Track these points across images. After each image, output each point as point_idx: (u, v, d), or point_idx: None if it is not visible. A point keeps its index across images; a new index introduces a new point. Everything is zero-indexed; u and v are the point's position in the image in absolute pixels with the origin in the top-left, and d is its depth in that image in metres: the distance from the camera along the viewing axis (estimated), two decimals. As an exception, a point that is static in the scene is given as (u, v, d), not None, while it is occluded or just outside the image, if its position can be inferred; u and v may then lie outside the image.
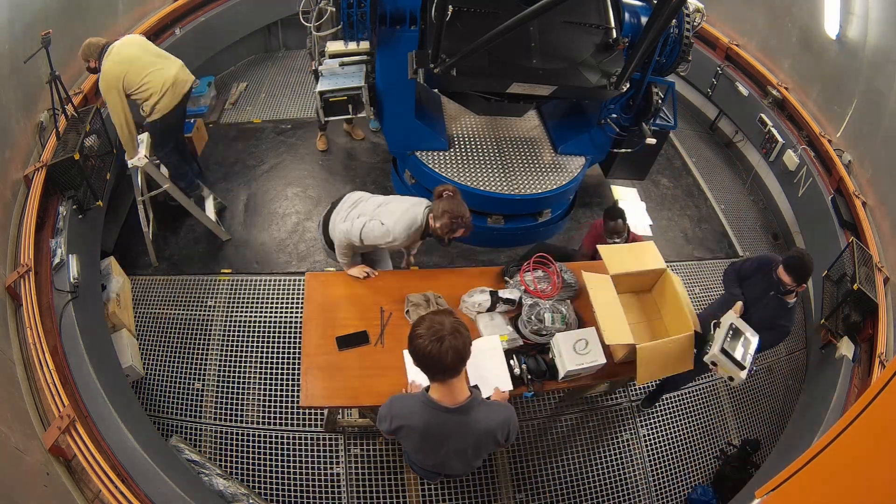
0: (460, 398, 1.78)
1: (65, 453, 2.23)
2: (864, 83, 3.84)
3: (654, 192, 4.93)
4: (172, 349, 3.49)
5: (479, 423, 1.83)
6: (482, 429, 1.84)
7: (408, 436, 1.91)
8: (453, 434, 1.85)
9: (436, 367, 1.68)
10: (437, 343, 1.62)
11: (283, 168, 4.68)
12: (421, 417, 1.82)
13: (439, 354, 1.63)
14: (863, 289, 3.08)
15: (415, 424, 1.84)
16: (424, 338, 1.64)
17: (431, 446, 1.92)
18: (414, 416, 1.84)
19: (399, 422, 1.88)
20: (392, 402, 1.95)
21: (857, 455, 1.12)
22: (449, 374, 1.72)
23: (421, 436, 1.87)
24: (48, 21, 3.31)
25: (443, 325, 1.65)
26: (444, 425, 1.82)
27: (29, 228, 2.81)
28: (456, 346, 1.64)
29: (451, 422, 1.81)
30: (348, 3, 2.92)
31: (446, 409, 1.78)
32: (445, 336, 1.63)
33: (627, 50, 3.09)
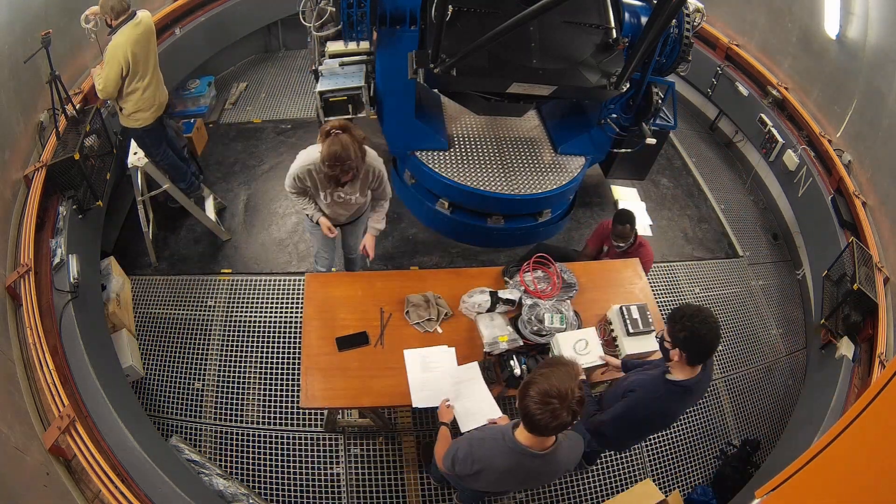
0: (548, 444, 1.73)
1: (65, 453, 2.23)
2: (864, 83, 3.84)
3: (654, 192, 4.93)
4: (172, 349, 3.49)
5: (561, 463, 1.81)
6: (563, 467, 1.85)
7: (486, 477, 1.84)
8: (535, 475, 1.83)
9: (538, 430, 1.62)
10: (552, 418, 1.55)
11: (283, 168, 4.67)
12: (506, 461, 1.76)
13: (545, 424, 1.57)
14: (863, 289, 3.07)
15: (498, 467, 1.78)
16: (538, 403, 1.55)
17: (510, 484, 1.92)
18: (498, 459, 1.77)
19: (481, 465, 1.80)
20: (471, 444, 1.84)
21: (857, 455, 1.12)
22: (548, 435, 1.66)
23: (500, 476, 1.82)
24: (48, 21, 3.30)
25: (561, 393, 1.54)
26: (530, 468, 1.77)
27: (29, 228, 2.81)
28: (565, 421, 1.56)
29: (537, 464, 1.75)
30: (348, 3, 2.92)
31: (534, 455, 1.72)
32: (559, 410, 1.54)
33: (627, 50, 3.09)
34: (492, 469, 1.79)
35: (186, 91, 5.01)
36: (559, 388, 1.54)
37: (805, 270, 4.31)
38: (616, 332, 2.76)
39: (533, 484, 1.91)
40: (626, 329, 2.70)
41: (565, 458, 1.82)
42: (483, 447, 1.81)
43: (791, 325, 4.19)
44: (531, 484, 1.91)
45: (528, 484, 1.90)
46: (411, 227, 4.29)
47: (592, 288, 3.01)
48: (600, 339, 2.78)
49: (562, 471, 1.87)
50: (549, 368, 1.63)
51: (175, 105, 4.92)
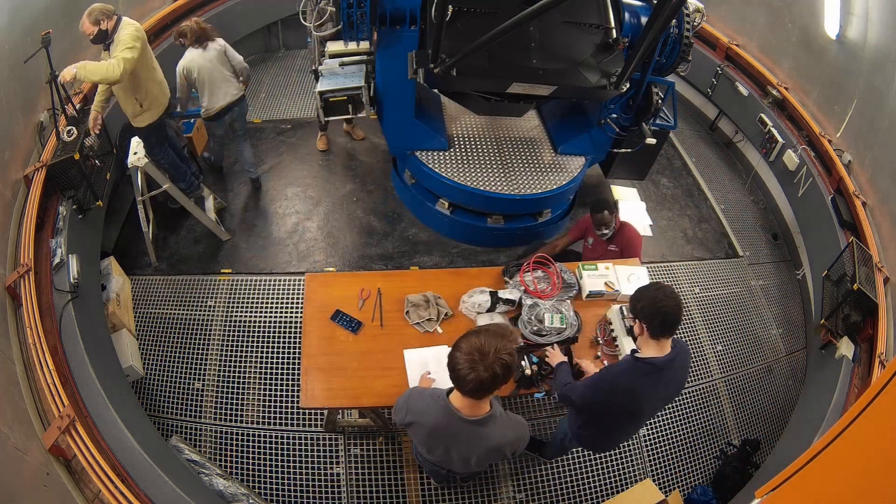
0: (479, 413, 1.78)
1: (65, 453, 2.23)
2: (864, 83, 3.84)
3: (654, 192, 4.93)
4: (172, 349, 3.49)
5: (492, 438, 1.83)
6: (493, 444, 1.85)
7: (417, 431, 1.93)
8: (463, 441, 1.86)
9: (462, 387, 1.68)
10: (470, 370, 1.61)
11: (283, 168, 4.68)
12: (436, 419, 1.82)
13: (462, 376, 1.63)
14: (863, 289, 3.07)
15: (427, 423, 1.85)
16: (466, 357, 1.62)
17: (439, 446, 1.93)
18: (428, 416, 1.84)
19: (413, 417, 1.90)
20: (411, 395, 1.96)
21: (857, 455, 1.12)
22: (474, 396, 1.71)
23: (429, 434, 1.89)
24: (48, 21, 3.30)
25: (486, 352, 1.61)
26: (457, 433, 1.83)
27: (29, 228, 2.81)
28: (486, 378, 1.61)
29: (465, 431, 1.81)
30: (348, 3, 2.92)
31: (462, 419, 1.78)
32: (479, 366, 1.60)
33: (627, 50, 3.09)
34: (421, 424, 1.86)
35: (186, 91, 5.00)
36: (484, 345, 1.61)
37: (805, 270, 4.31)
38: (616, 332, 2.76)
39: (464, 453, 1.86)
40: (627, 329, 2.71)
41: (498, 434, 1.82)
42: (420, 400, 1.90)
43: (791, 325, 4.19)
44: (461, 452, 1.77)
45: (459, 451, 1.88)
46: (411, 227, 4.29)
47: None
48: (601, 338, 2.79)
49: (494, 448, 1.85)
50: (485, 329, 1.71)
51: (175, 105, 4.91)
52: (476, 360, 1.60)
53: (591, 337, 2.81)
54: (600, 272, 2.98)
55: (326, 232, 4.21)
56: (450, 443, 1.88)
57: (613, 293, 2.94)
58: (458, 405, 1.78)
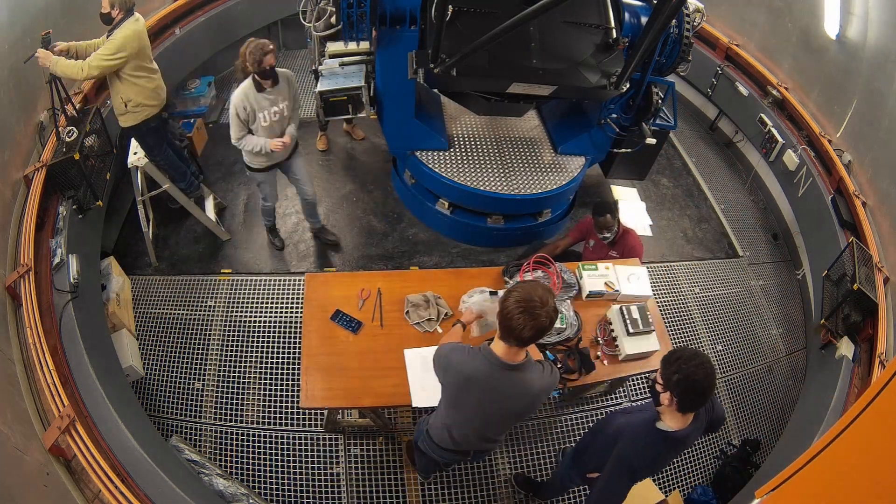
0: (518, 359, 1.83)
1: (65, 453, 2.23)
2: (864, 83, 3.84)
3: (654, 192, 4.93)
4: (172, 349, 3.49)
5: (532, 385, 1.86)
6: (536, 390, 1.88)
7: (453, 379, 1.92)
8: (501, 391, 1.87)
9: (512, 336, 1.72)
10: (528, 316, 1.66)
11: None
12: (476, 366, 1.85)
13: (523, 327, 1.67)
14: (863, 289, 3.07)
15: (465, 370, 1.87)
16: (518, 306, 1.67)
17: (471, 397, 1.91)
18: (468, 363, 1.87)
19: (449, 361, 1.90)
20: (453, 348, 1.94)
21: (857, 455, 1.12)
22: (522, 344, 1.76)
23: (466, 381, 1.89)
24: (48, 21, 3.30)
25: (542, 300, 1.67)
26: (497, 381, 1.85)
27: (29, 228, 2.81)
28: (540, 326, 1.68)
29: (505, 378, 1.84)
30: (348, 3, 2.92)
31: (504, 365, 1.81)
32: (539, 314, 1.66)
33: (627, 50, 3.09)
34: (460, 370, 1.88)
35: (186, 91, 5.00)
36: (539, 294, 1.69)
37: (805, 270, 4.31)
38: (616, 332, 2.76)
39: (499, 403, 1.89)
40: (626, 329, 2.71)
41: (537, 380, 1.87)
42: (462, 352, 1.92)
43: (791, 325, 4.19)
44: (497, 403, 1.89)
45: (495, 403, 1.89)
46: (411, 227, 4.29)
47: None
48: (601, 338, 2.79)
49: (531, 396, 1.89)
50: (530, 284, 1.76)
51: (175, 105, 4.92)
52: (537, 306, 1.66)
53: (592, 337, 2.81)
54: (600, 272, 2.98)
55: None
56: (486, 394, 1.88)
57: (613, 293, 2.94)
58: (501, 353, 1.81)
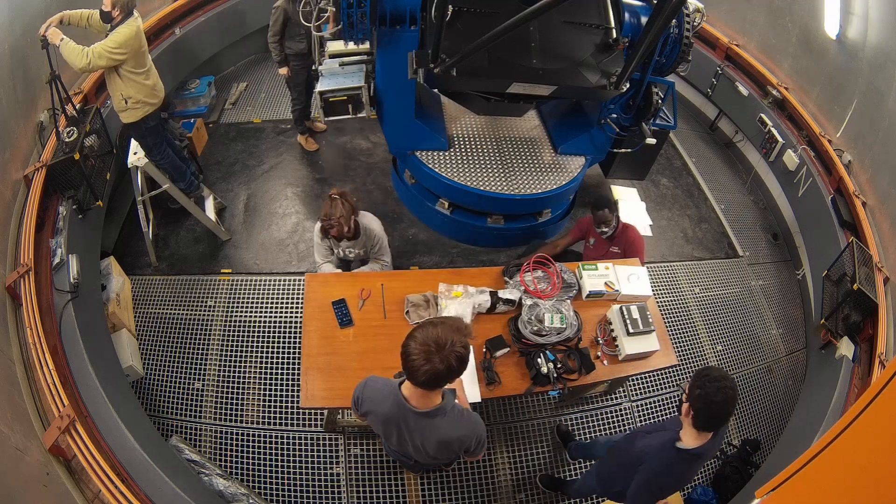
0: (429, 405, 1.78)
1: (65, 453, 2.23)
2: (864, 83, 3.84)
3: (654, 192, 4.93)
4: (172, 349, 3.49)
5: (439, 431, 1.81)
6: (440, 438, 1.83)
7: (373, 420, 1.94)
8: (414, 431, 1.85)
9: (414, 378, 1.65)
10: (425, 361, 1.57)
11: (283, 168, 4.68)
12: (388, 408, 1.82)
13: (416, 367, 1.59)
14: (863, 289, 3.07)
15: (380, 412, 1.86)
16: (418, 348, 1.58)
17: (393, 434, 1.91)
18: (382, 405, 1.84)
19: (367, 406, 1.91)
20: (367, 384, 1.93)
21: (857, 455, 1.12)
22: (427, 387, 1.68)
23: (383, 423, 1.89)
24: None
25: (441, 343, 1.57)
26: (407, 423, 1.82)
27: (29, 228, 2.81)
28: (437, 371, 1.58)
29: (414, 421, 1.81)
30: (348, 3, 2.91)
31: (412, 411, 1.77)
32: (434, 358, 1.57)
33: (627, 50, 3.09)
34: (376, 413, 1.87)
35: (186, 91, 5.01)
36: (441, 336, 1.58)
37: (805, 270, 4.31)
38: (616, 332, 2.77)
39: (416, 442, 1.86)
40: (626, 329, 2.71)
41: (447, 428, 1.80)
42: (374, 389, 1.90)
43: (791, 325, 4.19)
44: (414, 442, 1.86)
45: (412, 441, 1.86)
46: (411, 227, 4.29)
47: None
48: (601, 338, 2.79)
49: (443, 441, 1.83)
50: (441, 321, 1.66)
51: (175, 105, 4.92)
52: (432, 351, 1.56)
53: (592, 337, 2.81)
54: (600, 272, 2.98)
55: (326, 232, 4.20)
56: (403, 432, 1.87)
57: (613, 293, 2.94)
58: (408, 394, 1.77)
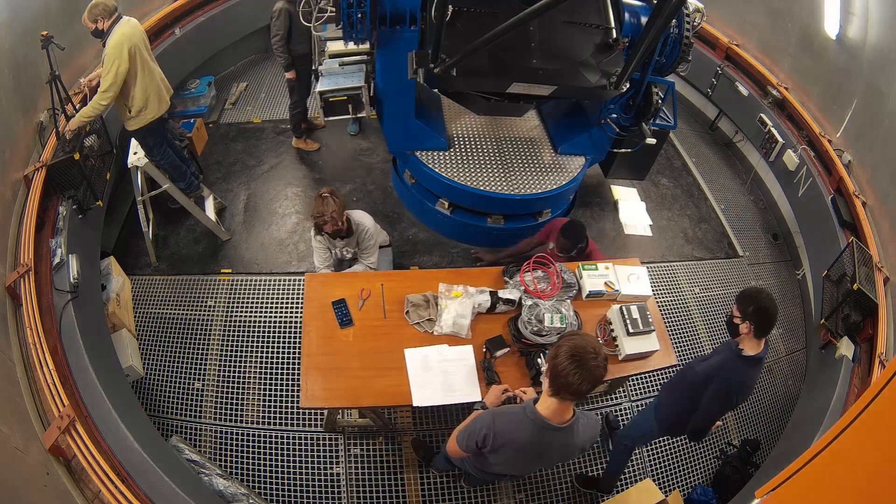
0: (567, 418, 1.77)
1: (65, 453, 2.23)
2: (864, 83, 3.84)
3: (654, 192, 4.93)
4: (172, 349, 3.49)
5: (579, 439, 1.83)
6: (580, 444, 1.86)
7: (504, 451, 1.85)
8: (555, 451, 1.85)
9: (567, 390, 1.65)
10: (584, 370, 1.59)
11: (283, 168, 4.68)
12: (527, 434, 1.78)
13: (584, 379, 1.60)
14: (863, 289, 3.08)
15: (518, 440, 1.80)
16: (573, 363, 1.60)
17: (525, 461, 1.90)
18: (520, 433, 1.79)
19: (502, 440, 1.81)
20: (494, 417, 1.85)
21: (857, 455, 1.12)
22: (576, 396, 1.68)
23: (518, 451, 1.84)
24: (48, 21, 3.30)
25: (596, 352, 1.61)
26: (549, 443, 1.80)
27: (29, 228, 2.81)
28: (596, 378, 1.62)
29: (556, 440, 1.79)
30: (348, 3, 2.91)
31: (553, 428, 1.75)
32: (595, 364, 1.60)
33: (627, 50, 3.09)
34: (512, 443, 1.81)
35: (186, 91, 5.01)
36: (588, 344, 1.62)
37: (805, 270, 4.31)
38: (616, 332, 2.76)
39: (549, 461, 1.98)
40: (626, 329, 2.71)
41: (582, 434, 1.83)
42: (504, 420, 1.83)
43: (791, 325, 4.19)
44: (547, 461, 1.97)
45: (544, 461, 1.95)
46: (411, 227, 4.29)
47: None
48: (601, 338, 2.79)
49: (577, 449, 1.89)
50: (579, 335, 1.70)
51: (175, 105, 4.92)
52: (591, 357, 1.59)
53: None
54: (600, 272, 2.98)
55: (326, 232, 4.20)
56: (539, 455, 1.85)
57: (613, 293, 2.94)
58: (548, 414, 1.75)
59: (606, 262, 3.06)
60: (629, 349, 2.70)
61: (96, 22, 3.10)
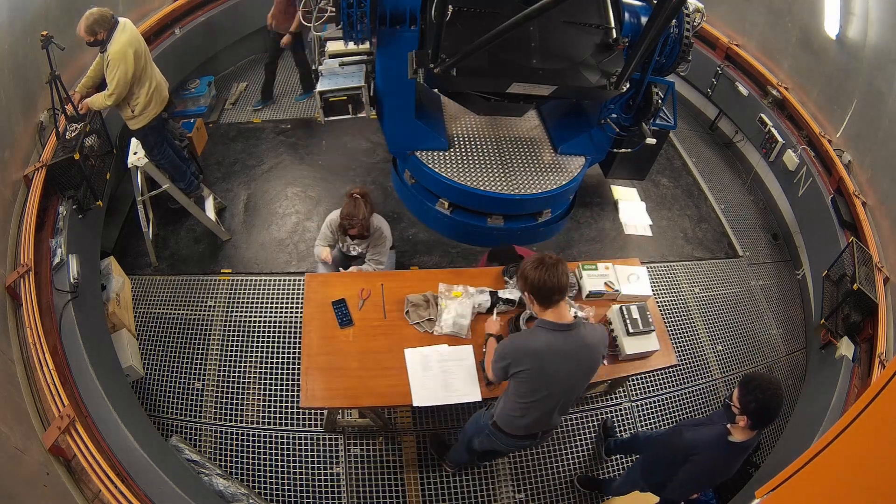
0: (569, 317, 2.03)
1: (65, 453, 2.23)
2: (864, 83, 3.84)
3: (654, 192, 4.93)
4: (172, 349, 3.49)
5: (589, 337, 2.05)
6: (592, 343, 2.06)
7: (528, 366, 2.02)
8: (571, 352, 2.03)
9: (553, 290, 1.96)
10: (553, 269, 1.95)
11: (283, 168, 4.68)
12: (542, 339, 2.02)
13: (557, 277, 1.95)
14: (863, 289, 3.08)
15: (536, 347, 2.02)
16: (539, 269, 1.95)
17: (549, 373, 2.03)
18: (536, 340, 2.03)
19: (524, 350, 2.04)
20: (512, 339, 2.15)
21: (857, 455, 1.12)
22: (561, 294, 1.98)
23: (541, 359, 2.01)
24: (48, 21, 3.31)
25: (550, 256, 1.99)
26: (564, 343, 2.01)
27: (29, 228, 2.81)
28: (566, 270, 1.99)
29: (569, 340, 2.01)
30: (348, 3, 2.91)
31: (561, 327, 2.00)
32: (557, 262, 1.96)
33: (627, 50, 3.09)
34: (531, 350, 2.03)
35: (186, 91, 5.01)
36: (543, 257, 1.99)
37: (805, 270, 4.31)
38: (616, 332, 2.76)
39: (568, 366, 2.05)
40: (626, 329, 2.71)
41: (591, 333, 2.07)
42: (519, 337, 2.18)
43: (791, 325, 4.19)
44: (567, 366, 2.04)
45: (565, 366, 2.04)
46: (411, 227, 4.29)
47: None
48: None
49: (589, 349, 2.06)
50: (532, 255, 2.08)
51: (175, 105, 4.92)
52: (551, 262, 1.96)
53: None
54: (600, 272, 2.98)
55: (326, 232, 4.20)
56: (561, 358, 2.02)
57: (613, 293, 2.94)
58: (553, 318, 2.01)
59: (606, 263, 3.06)
60: (629, 349, 2.70)
61: (96, 34, 3.14)
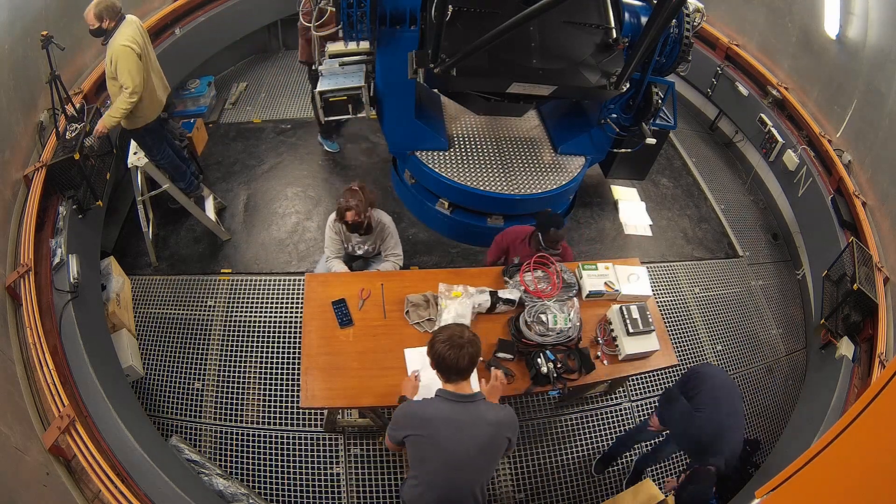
0: (469, 390, 2.00)
1: (65, 453, 2.23)
2: (864, 83, 3.84)
3: (654, 192, 4.93)
4: (172, 349, 3.49)
5: (489, 414, 1.98)
6: (492, 420, 1.97)
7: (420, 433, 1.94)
8: (466, 424, 1.94)
9: (451, 370, 1.94)
10: (457, 349, 1.91)
11: (283, 168, 4.68)
12: (436, 408, 1.97)
13: (457, 359, 1.92)
14: (863, 289, 3.07)
15: (430, 415, 1.96)
16: (445, 344, 1.93)
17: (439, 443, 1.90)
18: (428, 409, 1.98)
19: (415, 419, 1.98)
20: (408, 403, 2.08)
21: (857, 455, 1.12)
22: (460, 376, 1.97)
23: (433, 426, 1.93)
24: (48, 21, 3.30)
25: (462, 335, 1.95)
26: (458, 415, 1.94)
27: (29, 228, 2.81)
28: (472, 353, 1.95)
29: (465, 412, 1.95)
30: (348, 3, 2.91)
31: (458, 398, 1.96)
32: (465, 344, 1.93)
33: (627, 50, 3.09)
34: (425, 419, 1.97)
35: (186, 91, 5.01)
36: (455, 332, 1.98)
37: (805, 270, 4.31)
38: (616, 332, 2.76)
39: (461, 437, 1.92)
40: (626, 329, 2.71)
41: (492, 411, 1.99)
42: (416, 403, 2.08)
43: (791, 325, 4.19)
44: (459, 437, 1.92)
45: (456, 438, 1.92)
46: (411, 227, 4.29)
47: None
48: (601, 338, 2.79)
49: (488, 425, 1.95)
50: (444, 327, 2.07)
51: (175, 105, 4.92)
52: (460, 342, 1.92)
53: (592, 337, 2.81)
54: (600, 272, 2.98)
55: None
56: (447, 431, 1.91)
57: (613, 293, 2.94)
58: (452, 389, 1.98)
59: (606, 262, 3.06)
60: (629, 349, 2.70)
61: (102, 20, 3.09)
